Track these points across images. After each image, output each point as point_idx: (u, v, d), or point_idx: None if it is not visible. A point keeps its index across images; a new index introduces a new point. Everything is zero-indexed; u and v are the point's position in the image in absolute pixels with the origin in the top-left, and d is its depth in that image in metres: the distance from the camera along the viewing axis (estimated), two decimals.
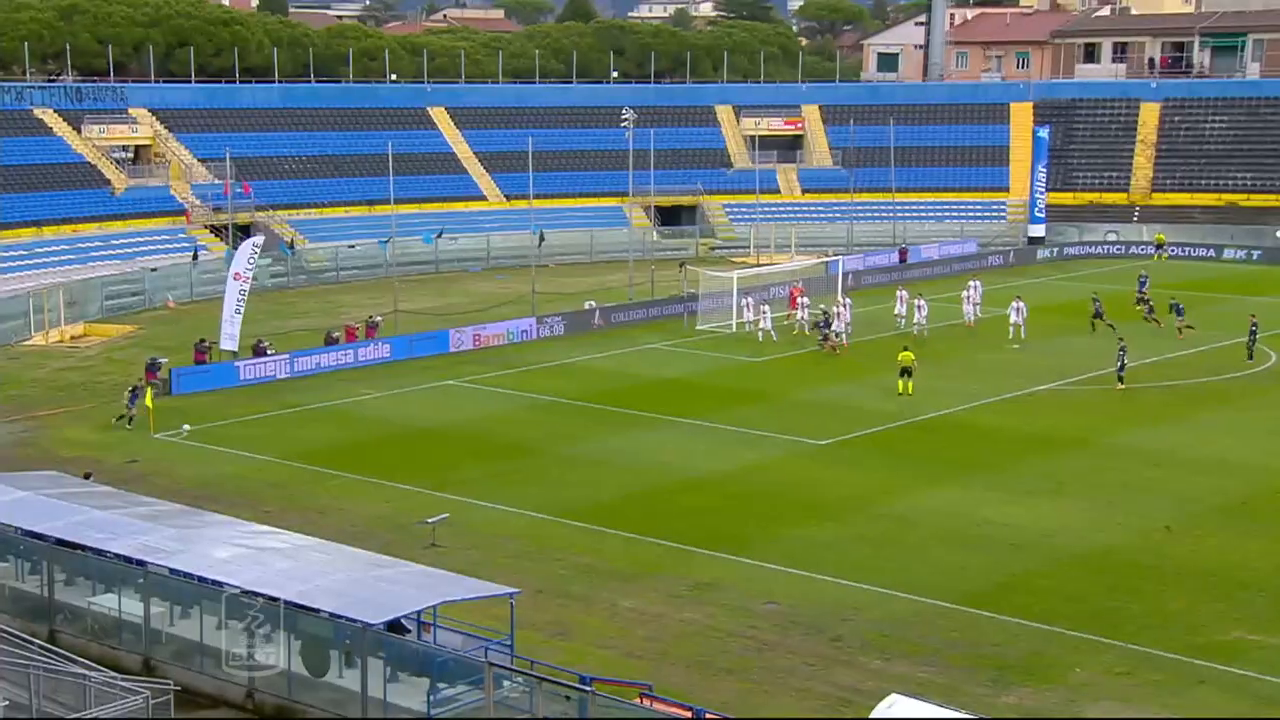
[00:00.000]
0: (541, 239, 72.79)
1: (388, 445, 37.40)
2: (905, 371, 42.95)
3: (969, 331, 53.30)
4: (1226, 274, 71.19)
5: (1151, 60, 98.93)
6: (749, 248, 78.35)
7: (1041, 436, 38.06)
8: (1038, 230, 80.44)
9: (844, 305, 52.87)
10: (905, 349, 44.25)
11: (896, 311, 53.05)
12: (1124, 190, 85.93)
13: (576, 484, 33.49)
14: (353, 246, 72.25)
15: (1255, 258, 75.39)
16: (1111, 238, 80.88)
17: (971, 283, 55.56)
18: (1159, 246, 76.00)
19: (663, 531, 29.79)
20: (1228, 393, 43.37)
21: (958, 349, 50.77)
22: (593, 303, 58.43)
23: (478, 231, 77.43)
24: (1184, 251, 75.62)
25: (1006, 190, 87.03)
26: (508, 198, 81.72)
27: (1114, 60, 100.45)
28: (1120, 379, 43.64)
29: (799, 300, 54.78)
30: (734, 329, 54.03)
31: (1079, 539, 29.33)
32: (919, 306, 52.61)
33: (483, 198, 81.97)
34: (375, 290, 65.07)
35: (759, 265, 69.04)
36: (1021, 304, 51.94)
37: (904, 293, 53.80)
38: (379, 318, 52.82)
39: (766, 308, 53.55)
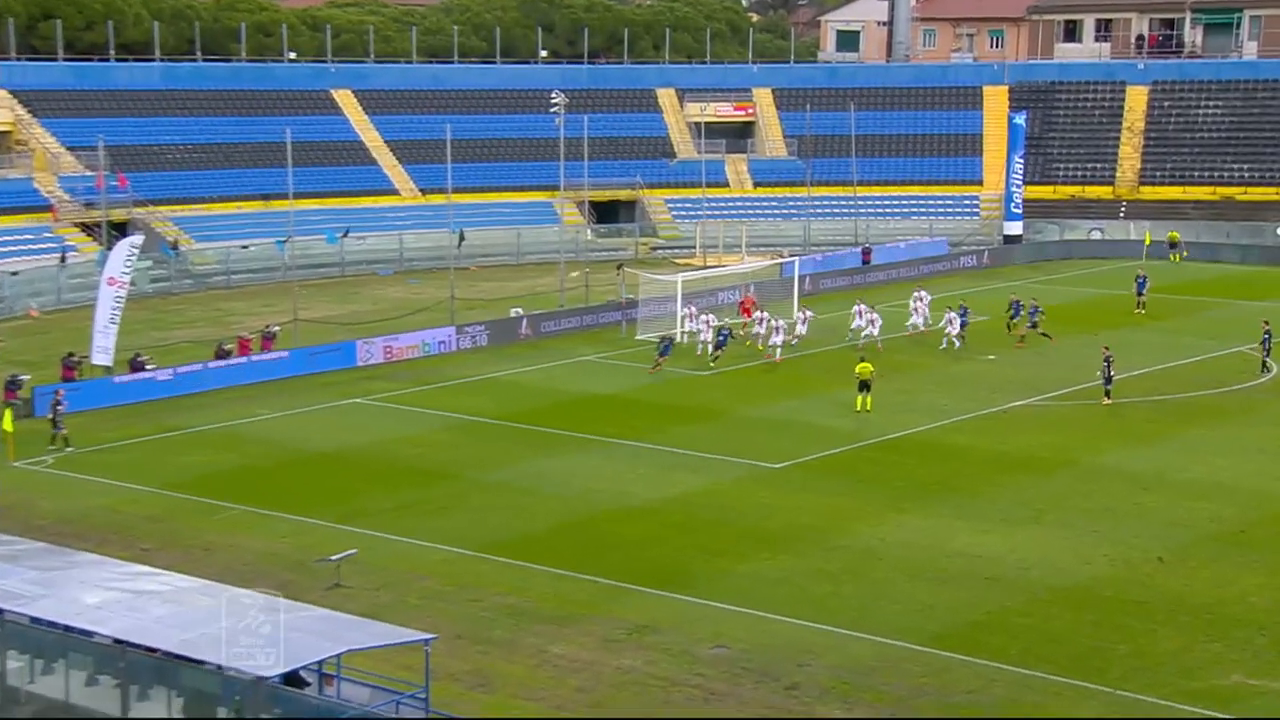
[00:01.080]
0: (461, 238, 72.61)
1: (285, 472, 37.08)
2: (863, 386, 43.31)
3: (919, 340, 53.81)
4: (1222, 276, 72.58)
5: (1139, 39, 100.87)
6: (694, 248, 78.64)
7: (1018, 457, 38.52)
8: (1014, 228, 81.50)
9: (803, 317, 53.13)
10: (862, 359, 44.63)
11: (854, 326, 53.43)
12: (1109, 183, 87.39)
13: (500, 514, 33.39)
14: (246, 247, 71.59)
15: (1253, 258, 76.82)
16: (1096, 236, 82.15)
17: (917, 292, 55.96)
18: (1173, 245, 76.63)
19: (597, 567, 29.76)
20: (1223, 408, 44.18)
21: (923, 359, 51.31)
22: (519, 310, 58.40)
23: (388, 230, 77.21)
24: (1164, 250, 76.75)
25: (980, 183, 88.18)
26: (423, 192, 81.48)
27: (1097, 39, 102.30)
28: (1107, 393, 44.31)
29: (755, 314, 55.15)
30: (678, 339, 54.21)
31: (1060, 572, 29.68)
32: (873, 321, 52.97)
33: (394, 192, 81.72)
34: (271, 296, 64.54)
35: (706, 267, 69.26)
36: (953, 314, 52.40)
37: (862, 307, 54.21)
38: (276, 328, 52.39)
39: (709, 316, 53.90)
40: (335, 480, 36.25)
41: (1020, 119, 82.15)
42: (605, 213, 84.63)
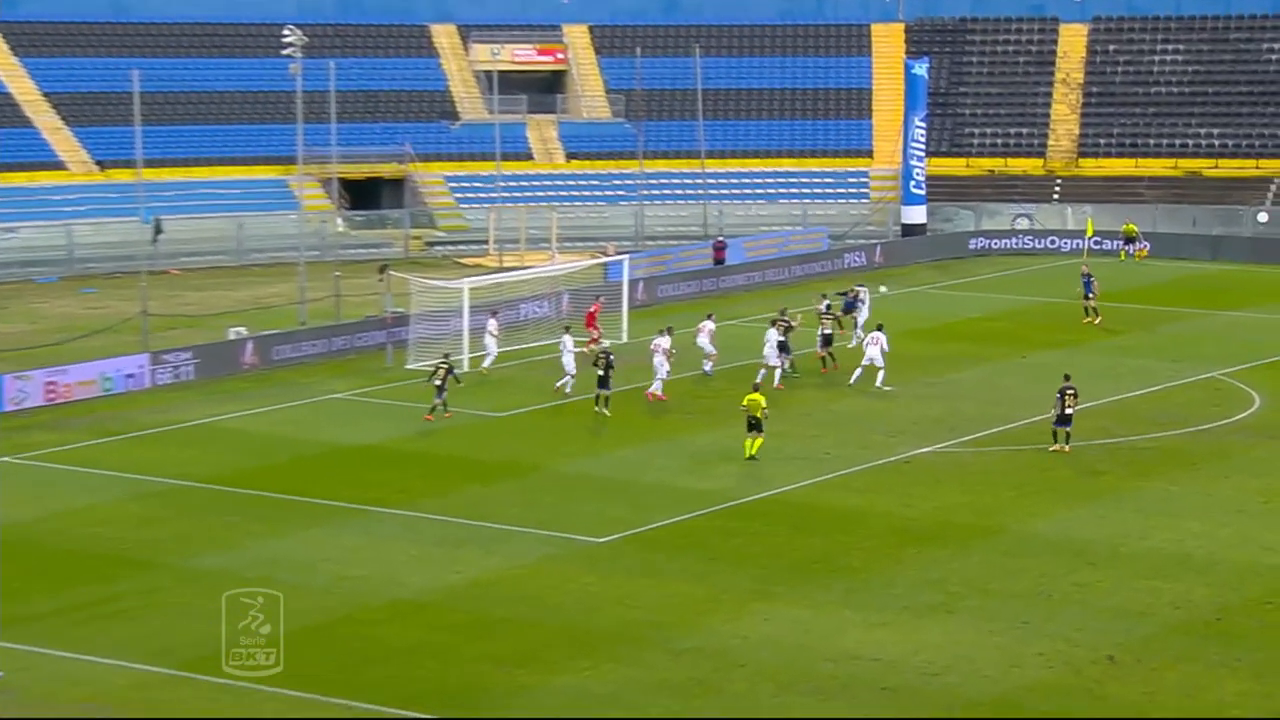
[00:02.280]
0: (158, 230, 71.15)
1: None
2: (753, 425, 43.62)
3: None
4: (1186, 276, 75.07)
5: None
6: (486, 243, 78.38)
7: (924, 524, 39.07)
8: (915, 214, 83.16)
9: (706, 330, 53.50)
10: (755, 389, 45.04)
11: (698, 343, 53.72)
12: (1039, 155, 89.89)
13: (213, 617, 32.63)
14: None
15: (1227, 252, 79.39)
16: (1023, 225, 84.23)
17: (822, 303, 56.42)
18: (1129, 241, 78.94)
19: (352, 688, 29.26)
20: (1191, 453, 45.52)
21: (798, 392, 51.90)
22: (241, 330, 57.58)
23: (52, 218, 75.75)
24: (1115, 245, 79.06)
25: (869, 155, 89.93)
26: (100, 166, 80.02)
27: None
28: (1063, 435, 44.75)
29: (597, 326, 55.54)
30: (466, 366, 53.92)
31: (981, 679, 30.09)
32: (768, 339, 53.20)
33: (59, 165, 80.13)
34: None
35: (502, 270, 69.08)
36: (878, 334, 52.79)
37: (710, 324, 54.50)
38: None
39: (492, 323, 54.12)
40: None
41: (921, 68, 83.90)
42: (362, 195, 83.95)
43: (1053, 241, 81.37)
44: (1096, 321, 62.18)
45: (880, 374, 51.68)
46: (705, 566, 36.01)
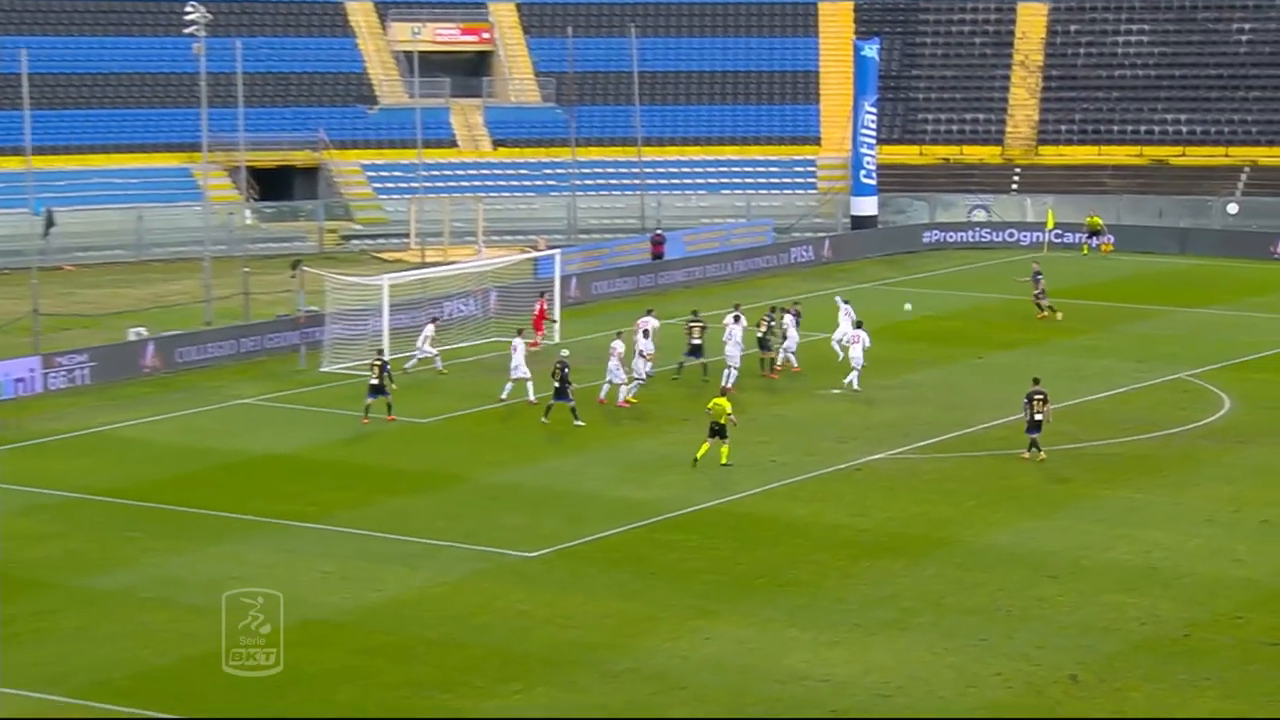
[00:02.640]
0: (50, 223, 70.77)
1: None
2: (716, 430, 43.79)
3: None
4: (1153, 271, 75.76)
5: None
6: (407, 237, 78.22)
7: (876, 536, 39.26)
8: (866, 205, 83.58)
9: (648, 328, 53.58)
10: (723, 392, 45.22)
11: (637, 342, 53.88)
12: (996, 142, 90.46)
13: (110, 642, 32.49)
14: None
15: (1196, 245, 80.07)
16: (980, 216, 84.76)
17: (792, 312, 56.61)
18: (1094, 234, 79.44)
19: (261, 715, 29.16)
20: (1158, 460, 45.93)
21: (746, 395, 51.96)
22: (142, 331, 57.35)
23: None
24: (1078, 238, 79.80)
25: (816, 142, 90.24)
26: None
27: None
28: (1033, 442, 44.81)
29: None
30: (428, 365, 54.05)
31: (935, 700, 30.23)
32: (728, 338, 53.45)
33: None
34: None
35: (425, 265, 68.93)
36: (860, 332, 53.13)
37: (651, 321, 54.66)
38: None
39: (429, 329, 54.22)
40: None
41: (871, 50, 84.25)
42: (273, 185, 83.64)
43: (1011, 234, 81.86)
44: (1058, 317, 62.64)
45: (854, 374, 52.10)
46: (643, 583, 36.05)
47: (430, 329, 55.08)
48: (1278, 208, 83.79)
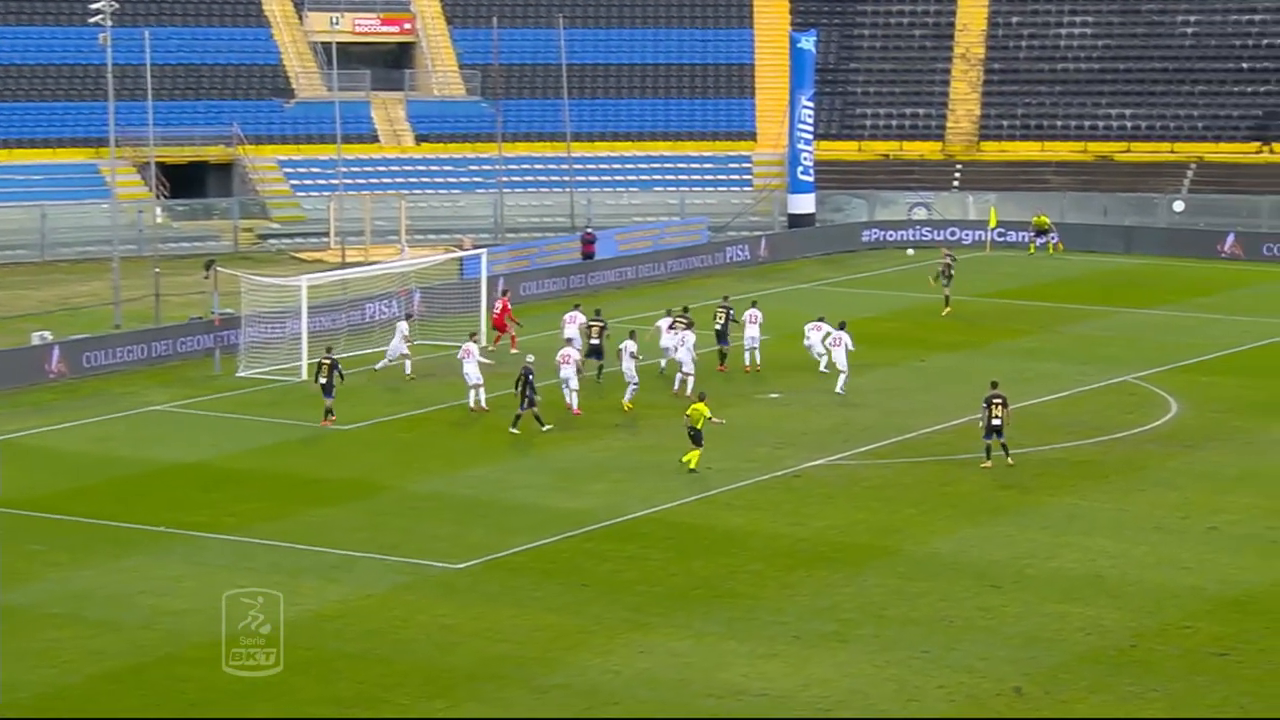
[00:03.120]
0: None
1: None
2: (694, 437, 44.19)
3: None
4: (1097, 271, 76.27)
5: None
6: (326, 236, 77.95)
7: (815, 545, 39.31)
8: (803, 203, 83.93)
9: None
10: (701, 398, 45.35)
11: (566, 338, 54.14)
12: (937, 138, 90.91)
13: (10, 659, 32.01)
14: None
15: (1142, 244, 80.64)
16: (920, 214, 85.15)
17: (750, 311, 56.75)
18: (1041, 233, 79.70)
19: None
20: (1103, 465, 46.17)
21: (683, 401, 51.99)
22: (46, 334, 56.94)
23: None
24: (1022, 237, 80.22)
25: (752, 138, 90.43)
26: None
27: None
28: (990, 451, 44.82)
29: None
30: (305, 375, 53.64)
31: (876, 712, 30.27)
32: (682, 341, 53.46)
33: None
34: None
35: (345, 266, 68.74)
36: (838, 332, 53.33)
37: (577, 315, 54.95)
38: None
39: (403, 326, 54.33)
40: None
41: (807, 42, 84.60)
42: (184, 182, 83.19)
43: (953, 233, 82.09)
44: (944, 312, 63.52)
45: (841, 378, 52.41)
46: (575, 594, 36.02)
47: (404, 326, 54.77)
48: (1224, 205, 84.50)
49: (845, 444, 47.61)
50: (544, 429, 47.94)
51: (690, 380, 51.78)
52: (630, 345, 51.49)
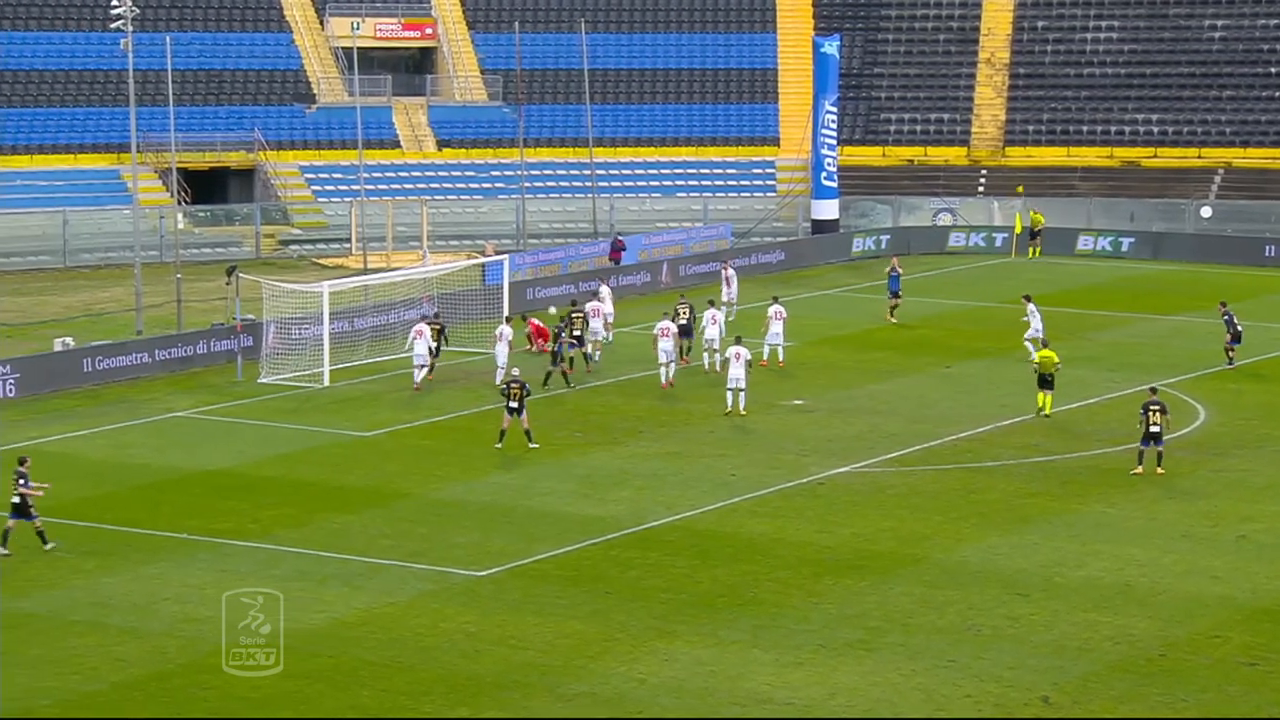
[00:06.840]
0: None
1: None
2: (1046, 380, 46.98)
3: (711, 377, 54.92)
4: (1124, 277, 76.20)
5: None
6: (348, 242, 78.08)
7: (841, 553, 39.32)
8: (827, 209, 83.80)
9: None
10: (1045, 344, 47.31)
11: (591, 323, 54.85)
12: (962, 143, 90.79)
13: (35, 666, 32.27)
14: None
15: (1168, 251, 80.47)
16: (945, 220, 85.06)
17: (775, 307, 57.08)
18: (1035, 234, 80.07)
19: None
20: (1128, 472, 46.24)
21: (698, 404, 52.15)
22: (68, 341, 57.16)
23: None
24: (1052, 243, 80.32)
25: (775, 143, 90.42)
26: None
27: None
28: (1157, 456, 44.94)
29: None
30: (327, 382, 53.65)
31: None
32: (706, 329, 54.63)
33: None
34: None
35: (366, 272, 68.87)
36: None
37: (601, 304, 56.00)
38: None
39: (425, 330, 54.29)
40: None
41: (831, 47, 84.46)
42: (206, 187, 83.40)
43: (978, 239, 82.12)
44: (891, 319, 63.98)
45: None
46: (599, 602, 36.05)
47: (422, 328, 54.68)
48: (1253, 211, 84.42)
49: (871, 451, 47.62)
50: (534, 446, 47.39)
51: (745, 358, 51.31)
52: (715, 314, 55.08)
